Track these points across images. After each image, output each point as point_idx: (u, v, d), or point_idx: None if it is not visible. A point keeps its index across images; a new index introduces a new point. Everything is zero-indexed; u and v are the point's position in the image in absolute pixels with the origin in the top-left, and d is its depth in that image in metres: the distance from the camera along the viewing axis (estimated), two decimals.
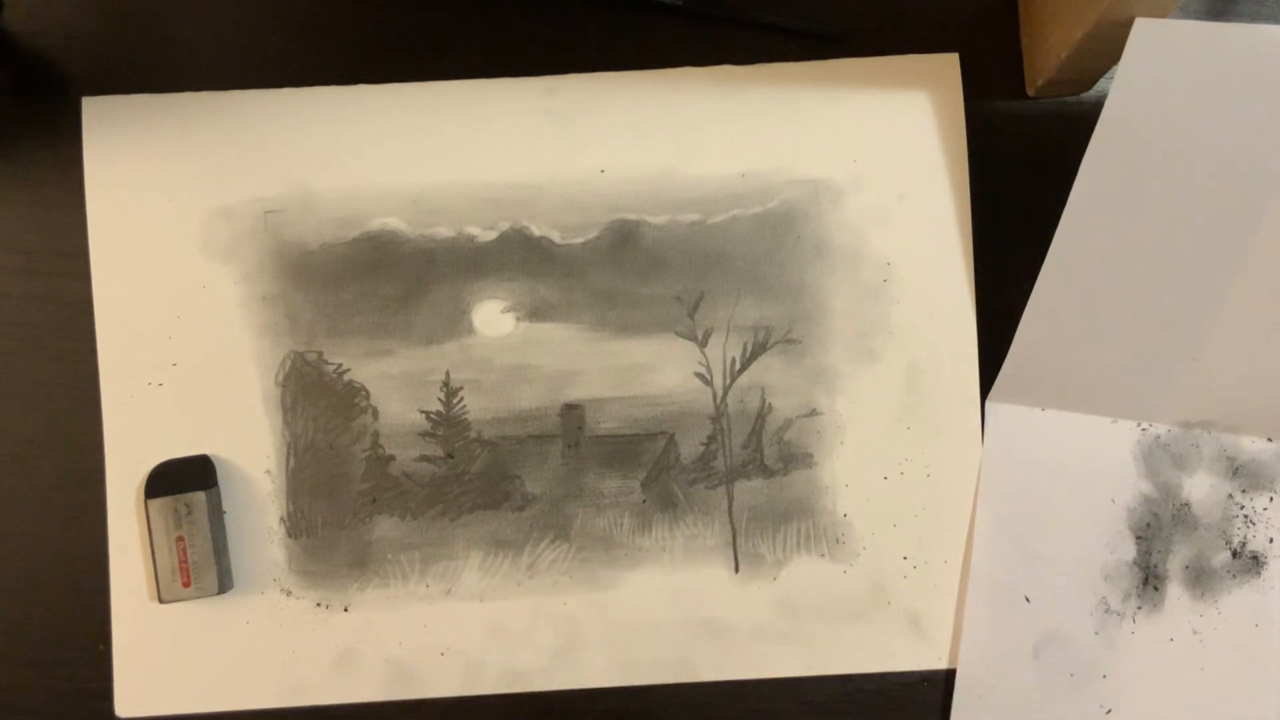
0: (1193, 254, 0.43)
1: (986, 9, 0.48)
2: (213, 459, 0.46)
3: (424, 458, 0.47)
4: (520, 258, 0.47)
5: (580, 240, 0.47)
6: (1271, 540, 0.47)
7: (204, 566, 0.45)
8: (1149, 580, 0.47)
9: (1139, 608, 0.47)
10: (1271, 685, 0.46)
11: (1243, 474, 0.47)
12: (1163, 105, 0.40)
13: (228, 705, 0.46)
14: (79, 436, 0.47)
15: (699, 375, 0.47)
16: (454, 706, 0.47)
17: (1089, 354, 0.46)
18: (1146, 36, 0.39)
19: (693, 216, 0.47)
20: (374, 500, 0.47)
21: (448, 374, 0.47)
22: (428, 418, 0.47)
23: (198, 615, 0.46)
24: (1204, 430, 0.47)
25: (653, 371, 0.47)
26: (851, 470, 0.47)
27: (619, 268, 0.47)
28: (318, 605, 0.47)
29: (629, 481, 0.47)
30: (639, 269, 0.47)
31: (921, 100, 0.48)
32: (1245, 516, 0.47)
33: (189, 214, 0.47)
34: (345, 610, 0.47)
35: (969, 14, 0.48)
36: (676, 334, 0.47)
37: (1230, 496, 0.47)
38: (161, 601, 0.45)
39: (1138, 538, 0.47)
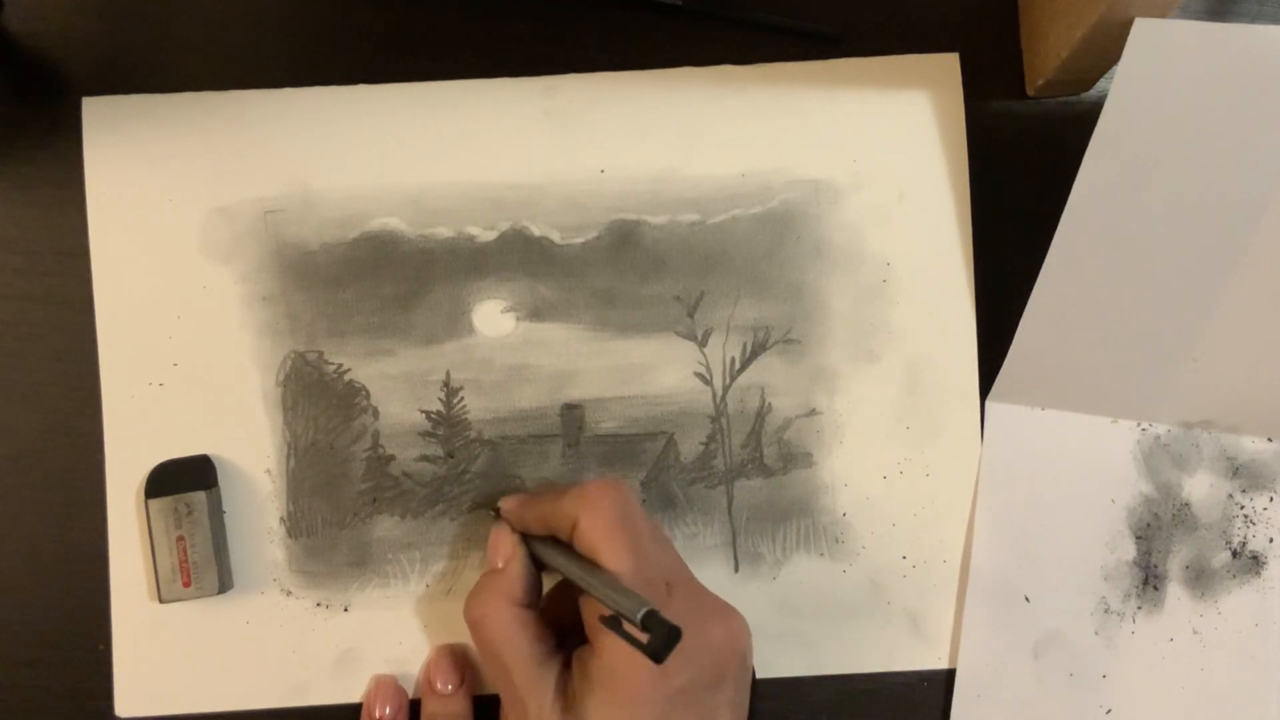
0: (1193, 254, 0.43)
1: (986, 9, 0.48)
2: (213, 459, 0.46)
3: (424, 457, 0.47)
4: (520, 258, 0.47)
5: (580, 240, 0.47)
6: (1271, 540, 0.47)
7: (204, 566, 0.45)
8: (1149, 580, 0.47)
9: (1139, 608, 0.47)
10: (1271, 685, 0.46)
11: (1243, 474, 0.47)
12: (1163, 105, 0.40)
13: (228, 705, 0.46)
14: (79, 436, 0.46)
15: (699, 375, 0.47)
16: None
17: (1089, 354, 0.46)
18: (1146, 36, 0.39)
19: (693, 216, 0.47)
20: (374, 500, 0.47)
21: (448, 374, 0.47)
22: (428, 418, 0.47)
23: (198, 615, 0.46)
24: (1204, 430, 0.47)
25: (652, 371, 0.47)
26: (851, 470, 0.47)
27: (619, 268, 0.47)
28: (318, 605, 0.47)
29: (629, 481, 0.47)
30: (639, 269, 0.47)
31: (921, 100, 0.48)
32: (1245, 516, 0.47)
33: (189, 214, 0.47)
34: (345, 610, 0.47)
35: (969, 14, 0.48)
36: (676, 334, 0.47)
37: (1230, 496, 0.47)
38: (161, 601, 0.45)
39: (1138, 538, 0.47)
